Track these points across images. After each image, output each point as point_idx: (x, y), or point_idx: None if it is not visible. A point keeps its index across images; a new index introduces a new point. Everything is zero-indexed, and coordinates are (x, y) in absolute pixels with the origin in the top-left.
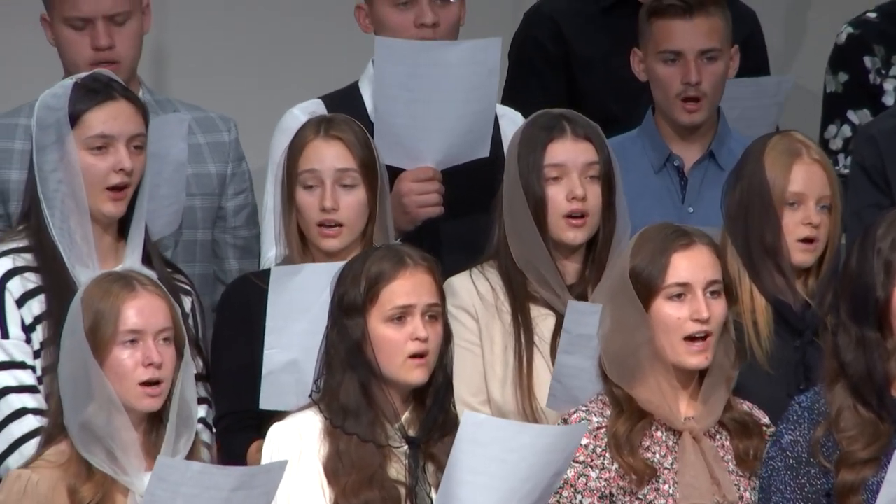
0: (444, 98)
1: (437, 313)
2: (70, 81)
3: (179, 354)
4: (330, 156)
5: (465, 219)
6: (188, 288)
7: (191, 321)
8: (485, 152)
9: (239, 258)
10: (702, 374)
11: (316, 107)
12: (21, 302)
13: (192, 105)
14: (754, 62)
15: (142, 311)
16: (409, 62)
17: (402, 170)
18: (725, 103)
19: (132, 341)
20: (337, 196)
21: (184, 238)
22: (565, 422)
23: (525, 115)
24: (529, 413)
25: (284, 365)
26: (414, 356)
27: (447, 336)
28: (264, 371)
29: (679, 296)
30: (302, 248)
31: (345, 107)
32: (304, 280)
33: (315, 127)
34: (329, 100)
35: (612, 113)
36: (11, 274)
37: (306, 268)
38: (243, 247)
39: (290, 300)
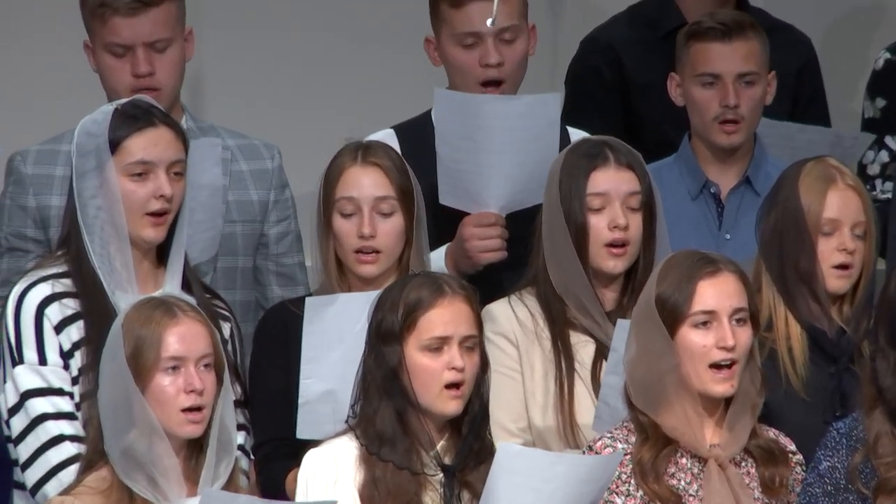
0: (505, 148)
1: (475, 343)
2: (110, 108)
3: (220, 380)
4: (368, 183)
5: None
6: (227, 314)
7: (229, 347)
8: None
9: (282, 285)
10: (727, 400)
11: (389, 138)
12: (59, 328)
13: (235, 132)
14: (811, 88)
15: (183, 338)
16: (468, 115)
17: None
18: (797, 149)
19: (174, 368)
20: (375, 223)
21: (224, 265)
22: (590, 448)
23: None
24: (571, 439)
25: (321, 395)
26: (450, 386)
27: (484, 364)
28: (301, 401)
29: (705, 323)
30: (339, 273)
31: (417, 137)
32: (339, 309)
33: (352, 153)
34: (401, 129)
35: (669, 139)
36: (50, 300)
37: (341, 297)
38: (286, 274)
39: (325, 330)
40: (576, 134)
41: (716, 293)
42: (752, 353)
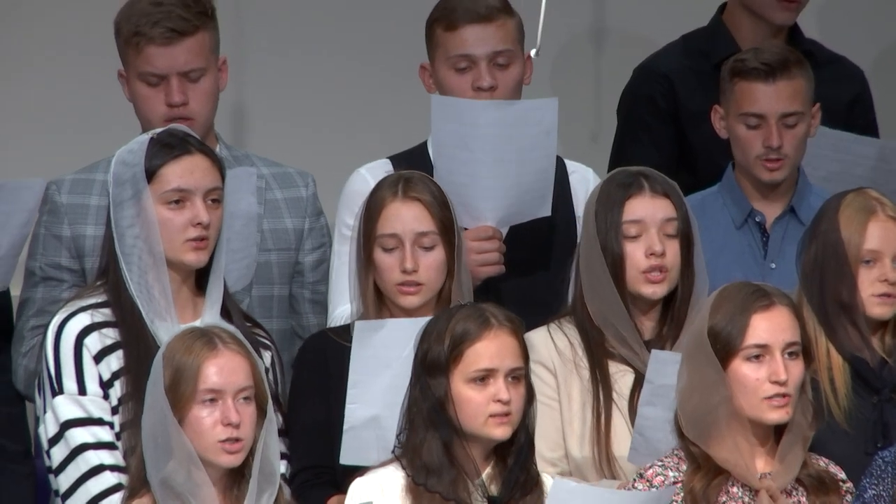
0: (502, 157)
1: (521, 375)
2: (146, 137)
3: (262, 411)
4: (409, 218)
5: (528, 277)
6: (268, 342)
7: (270, 375)
8: (546, 211)
9: (317, 313)
10: (778, 431)
11: (384, 167)
12: (98, 358)
13: (269, 160)
14: (864, 121)
15: (222, 370)
16: (465, 121)
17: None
18: (843, 161)
19: (211, 400)
20: (417, 257)
21: (260, 293)
22: (641, 476)
23: None
24: (607, 470)
25: (366, 420)
26: (496, 415)
27: (530, 395)
28: (345, 426)
29: (757, 357)
30: (378, 305)
31: (412, 167)
32: (387, 335)
33: (393, 187)
34: (397, 160)
35: (723, 168)
36: (89, 330)
37: (389, 323)
38: (322, 301)
39: (372, 355)
40: (571, 164)
41: (769, 327)
42: (804, 386)
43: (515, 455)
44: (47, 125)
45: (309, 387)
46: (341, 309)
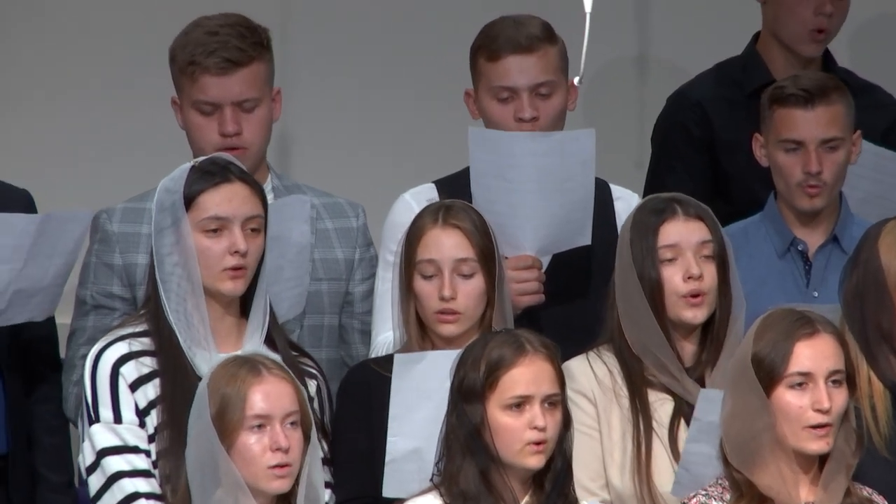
0: (540, 188)
1: (557, 401)
2: (188, 165)
3: (306, 438)
4: (448, 245)
5: (569, 305)
6: (314, 371)
7: (315, 404)
8: (585, 240)
9: (366, 343)
10: (822, 459)
11: (428, 192)
12: (135, 386)
13: (320, 191)
14: None
15: (268, 396)
16: (502, 153)
17: None
18: (883, 183)
19: (259, 426)
20: (455, 285)
21: (310, 322)
22: None
23: None
24: (648, 499)
25: (407, 453)
26: (532, 444)
27: (566, 421)
28: (387, 458)
29: (801, 384)
30: (420, 333)
31: (457, 191)
32: (427, 367)
33: (433, 215)
34: (441, 184)
35: (758, 196)
36: (126, 359)
37: (429, 355)
38: (371, 332)
39: (413, 387)
40: (616, 190)
41: (813, 355)
42: (848, 414)
43: (552, 481)
44: (99, 153)
45: (352, 418)
46: (384, 336)
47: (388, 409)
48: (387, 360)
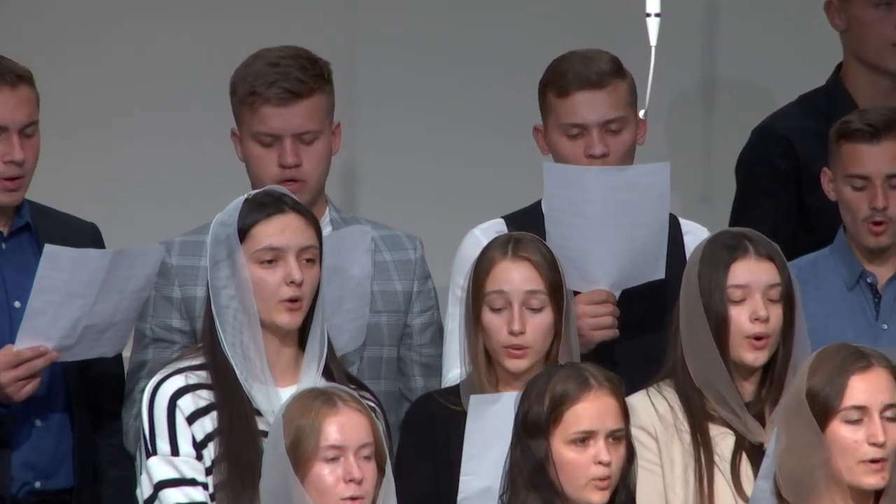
0: (615, 222)
1: (621, 436)
2: (242, 197)
3: (381, 470)
4: (518, 278)
5: (642, 339)
6: (373, 404)
7: None
8: (659, 274)
9: (425, 376)
10: (877, 493)
11: (498, 227)
12: (192, 419)
13: (378, 223)
14: None
15: (343, 428)
16: (577, 187)
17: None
18: None
19: (333, 458)
20: (524, 319)
21: (369, 354)
22: None
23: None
24: None
25: (479, 491)
26: (596, 479)
27: (630, 456)
28: (460, 496)
29: (856, 419)
30: (487, 367)
31: (526, 226)
32: (502, 408)
33: (502, 247)
34: (510, 219)
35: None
36: (183, 391)
37: (504, 396)
38: (429, 364)
39: (487, 427)
40: (686, 224)
41: (867, 388)
42: None
43: None
44: (160, 186)
45: (416, 451)
46: (454, 372)
47: (453, 442)
48: (451, 392)
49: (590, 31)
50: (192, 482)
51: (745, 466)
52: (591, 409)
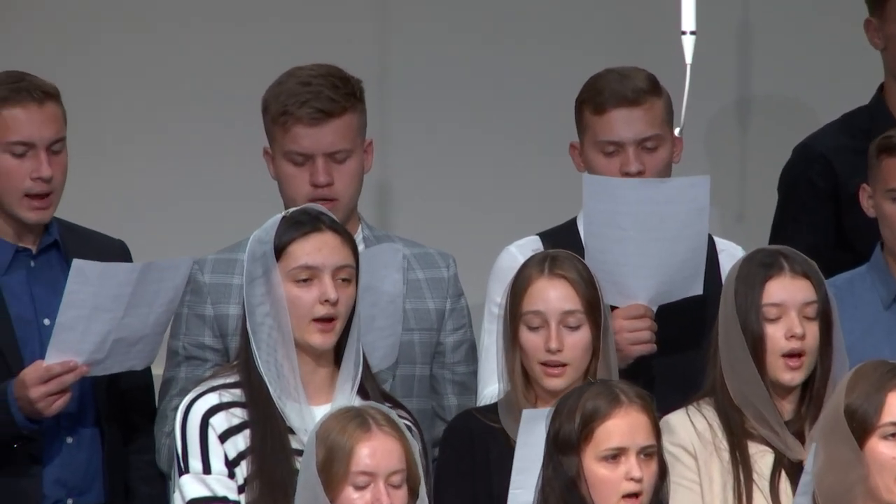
0: (654, 236)
1: (653, 452)
2: (280, 215)
3: (414, 494)
4: (555, 297)
5: (680, 355)
6: (409, 423)
7: None
8: (698, 290)
9: (458, 394)
10: None
11: (533, 244)
12: (224, 437)
13: (410, 241)
14: None
15: (374, 453)
16: (617, 200)
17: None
18: None
19: (363, 485)
20: (562, 337)
21: (402, 373)
22: None
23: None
24: None
25: None
26: (628, 496)
27: (662, 472)
28: None
29: (894, 435)
30: (525, 385)
31: (562, 244)
32: None
33: (539, 265)
34: (546, 237)
35: None
36: (215, 410)
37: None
38: (461, 382)
39: (537, 443)
40: (721, 242)
41: None
42: None
43: None
44: (191, 204)
45: (456, 469)
46: (490, 389)
47: (492, 460)
48: (490, 410)
49: (625, 49)
50: (223, 500)
51: (784, 484)
52: (621, 426)
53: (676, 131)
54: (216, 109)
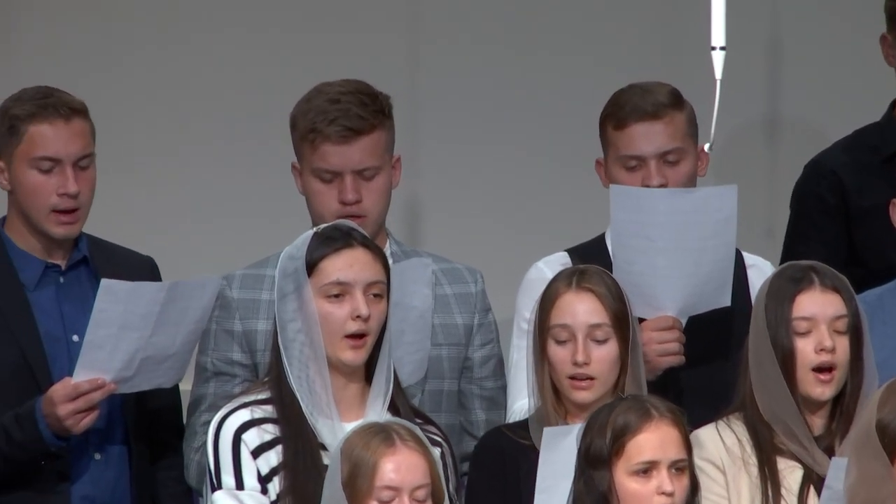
0: (682, 246)
1: (684, 466)
2: (311, 231)
3: None
4: (582, 310)
5: (708, 368)
6: (439, 439)
7: (440, 471)
8: (725, 301)
9: (486, 409)
10: None
11: (562, 259)
12: (256, 453)
13: (438, 256)
14: None
15: (399, 468)
16: (644, 210)
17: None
18: None
19: (388, 498)
20: (589, 350)
21: (430, 388)
22: None
23: None
24: None
25: None
26: None
27: (693, 487)
28: None
29: None
30: (555, 399)
31: (590, 260)
32: (575, 440)
33: (567, 279)
34: (574, 252)
35: (895, 262)
36: (248, 426)
37: (576, 428)
38: (490, 398)
39: (560, 459)
40: (749, 258)
41: None
42: None
43: None
44: (219, 219)
45: (486, 487)
46: (520, 403)
47: (523, 477)
48: (521, 426)
49: (656, 64)
50: None
51: (813, 500)
52: (652, 440)
53: (706, 147)
54: (245, 124)
